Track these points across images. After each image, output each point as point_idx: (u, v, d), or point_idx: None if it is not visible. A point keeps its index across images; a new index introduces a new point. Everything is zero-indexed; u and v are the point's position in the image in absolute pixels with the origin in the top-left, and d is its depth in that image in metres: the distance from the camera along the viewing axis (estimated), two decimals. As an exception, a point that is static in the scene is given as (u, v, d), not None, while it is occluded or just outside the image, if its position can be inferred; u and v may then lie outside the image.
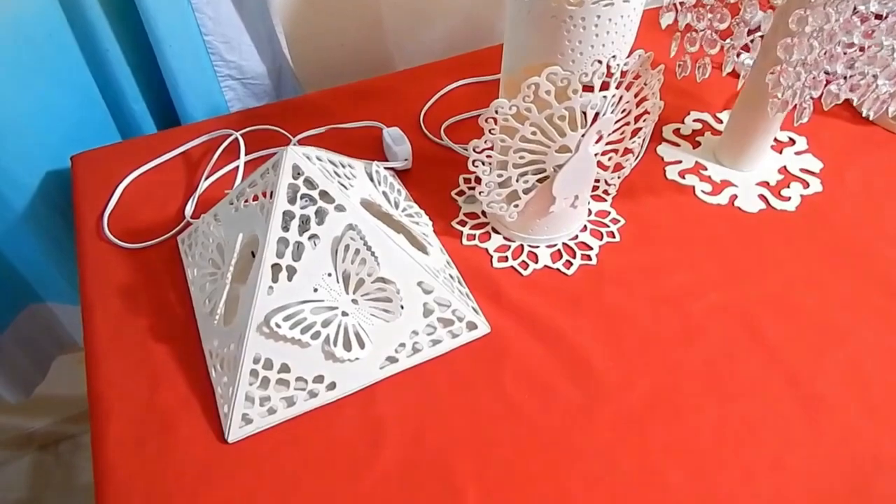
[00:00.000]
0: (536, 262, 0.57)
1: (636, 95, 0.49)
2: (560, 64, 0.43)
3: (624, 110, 0.50)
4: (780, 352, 0.51)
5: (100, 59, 0.68)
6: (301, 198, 0.44)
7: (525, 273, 0.56)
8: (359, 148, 0.67)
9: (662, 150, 0.67)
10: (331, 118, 0.70)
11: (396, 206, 0.54)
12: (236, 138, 0.66)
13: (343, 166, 0.50)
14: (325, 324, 0.45)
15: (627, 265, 0.57)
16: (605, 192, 0.57)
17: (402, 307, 0.47)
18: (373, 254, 0.45)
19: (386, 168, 0.63)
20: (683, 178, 0.64)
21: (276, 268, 0.44)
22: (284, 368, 0.45)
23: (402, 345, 0.49)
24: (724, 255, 0.58)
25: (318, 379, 0.46)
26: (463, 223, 0.60)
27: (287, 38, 0.77)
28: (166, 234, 0.58)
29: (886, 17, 0.39)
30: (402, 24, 0.84)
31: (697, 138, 0.69)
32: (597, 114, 0.47)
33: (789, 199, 0.62)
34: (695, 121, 0.71)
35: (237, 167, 0.63)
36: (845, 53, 0.41)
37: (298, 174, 0.43)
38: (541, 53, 0.44)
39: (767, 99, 0.52)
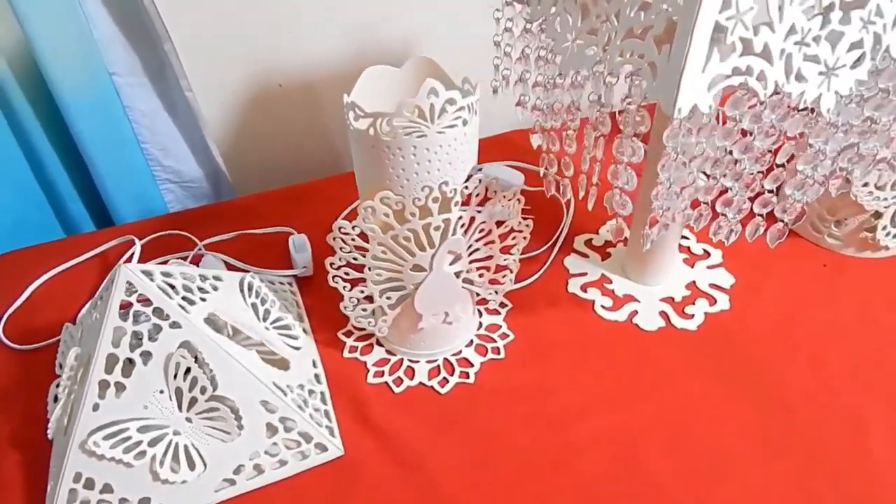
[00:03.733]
0: (412, 379, 0.55)
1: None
2: (391, 188, 0.44)
3: (481, 230, 0.49)
4: (659, 486, 0.47)
5: (38, 162, 0.73)
6: (135, 315, 0.44)
7: (398, 390, 0.54)
8: (267, 254, 0.68)
9: (570, 261, 0.66)
10: (256, 222, 0.72)
11: (265, 319, 0.54)
12: (152, 241, 0.69)
13: (204, 279, 0.51)
14: (153, 443, 0.44)
15: (508, 384, 0.55)
16: (498, 304, 0.56)
17: (239, 427, 0.46)
18: (208, 371, 0.45)
19: (285, 276, 0.64)
20: (585, 291, 0.62)
21: (103, 384, 0.43)
22: (107, 489, 0.44)
23: (242, 466, 0.47)
24: (614, 376, 0.55)
25: (144, 501, 0.45)
26: (349, 334, 0.59)
27: (234, 142, 0.81)
28: (54, 337, 0.59)
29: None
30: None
31: (609, 250, 0.67)
32: (443, 234, 0.47)
33: (692, 316, 0.59)
34: (609, 231, 0.70)
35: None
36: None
37: (132, 291, 0.44)
38: (375, 178, 0.44)
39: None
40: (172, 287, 0.47)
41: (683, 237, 0.67)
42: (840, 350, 0.56)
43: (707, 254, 0.66)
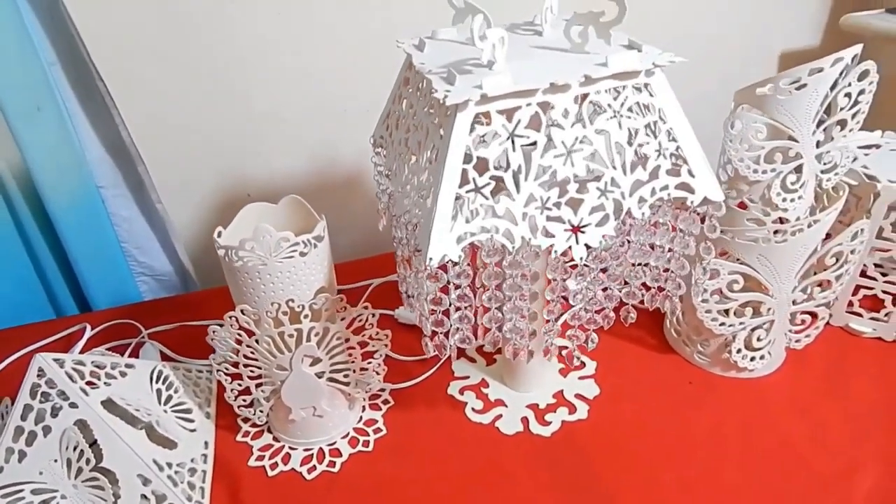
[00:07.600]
0: (287, 464, 0.63)
1: (349, 326, 0.58)
2: (248, 303, 0.54)
3: (338, 337, 0.58)
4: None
5: (35, 258, 0.88)
6: (41, 394, 0.55)
7: (272, 473, 0.62)
8: (201, 344, 0.78)
9: (458, 365, 0.73)
10: (203, 314, 0.83)
11: (166, 403, 0.63)
12: (109, 328, 0.81)
13: (115, 367, 0.61)
14: (43, 504, 0.54)
15: (367, 475, 0.61)
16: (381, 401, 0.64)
17: (115, 495, 0.55)
18: (95, 446, 0.54)
19: (203, 365, 0.74)
20: (462, 394, 0.69)
21: (9, 451, 0.54)
22: (0, 541, 0.53)
23: (117, 531, 0.55)
24: (460, 475, 0.61)
25: (29, 556, 0.54)
26: (247, 420, 0.68)
27: (203, 242, 0.95)
28: (9, 407, 0.71)
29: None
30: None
31: (496, 356, 0.74)
32: (297, 341, 0.56)
33: (550, 423, 0.65)
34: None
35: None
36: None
37: (41, 375, 0.55)
38: (238, 294, 0.55)
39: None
40: (80, 373, 0.57)
41: (564, 347, 0.73)
42: (676, 467, 0.60)
43: (583, 364, 0.72)
